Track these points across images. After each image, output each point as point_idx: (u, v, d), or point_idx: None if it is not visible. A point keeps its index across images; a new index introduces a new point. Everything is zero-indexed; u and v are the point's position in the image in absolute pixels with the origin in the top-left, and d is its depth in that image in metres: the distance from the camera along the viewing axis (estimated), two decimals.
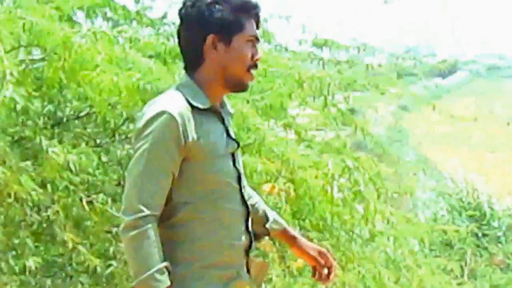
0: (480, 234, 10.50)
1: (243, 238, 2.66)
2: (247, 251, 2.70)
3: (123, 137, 5.21)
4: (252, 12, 2.62)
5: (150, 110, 2.46)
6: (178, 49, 4.29)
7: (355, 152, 5.88)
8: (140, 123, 2.48)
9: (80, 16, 5.61)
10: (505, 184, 21.57)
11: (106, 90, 4.07)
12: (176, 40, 2.98)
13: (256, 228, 2.82)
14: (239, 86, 2.65)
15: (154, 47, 4.84)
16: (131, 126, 4.98)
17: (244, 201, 2.67)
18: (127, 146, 5.17)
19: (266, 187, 4.76)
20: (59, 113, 5.21)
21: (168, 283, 2.35)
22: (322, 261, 2.83)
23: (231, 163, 2.63)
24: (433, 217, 11.70)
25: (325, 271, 2.79)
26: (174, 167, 2.43)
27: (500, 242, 10.67)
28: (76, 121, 5.26)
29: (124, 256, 4.70)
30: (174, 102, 2.45)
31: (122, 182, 5.12)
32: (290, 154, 4.87)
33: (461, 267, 9.87)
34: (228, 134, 2.64)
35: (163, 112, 2.38)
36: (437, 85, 68.88)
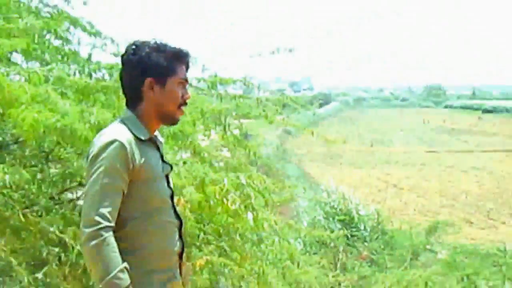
0: (349, 235, 10.69)
1: (178, 244, 2.79)
2: (181, 255, 2.81)
3: (56, 158, 5.12)
4: (183, 59, 2.75)
5: (101, 140, 2.53)
6: (98, 86, 4.40)
7: (249, 169, 5.95)
8: (93, 150, 2.52)
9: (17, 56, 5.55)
10: (369, 194, 22.11)
11: (29, 127, 4.02)
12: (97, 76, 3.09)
13: None
14: (172, 121, 2.79)
15: (78, 84, 4.81)
16: (62, 149, 4.96)
17: (177, 214, 2.81)
18: (58, 166, 5.08)
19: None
20: (1, 138, 5.13)
21: (129, 281, 2.43)
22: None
23: (165, 183, 2.76)
24: (312, 222, 11.85)
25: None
26: (124, 187, 2.51)
27: (365, 241, 10.89)
28: (15, 145, 5.16)
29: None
30: (121, 133, 2.53)
31: (54, 196, 5.11)
32: (194, 172, 4.95)
33: (335, 262, 10.08)
34: (163, 160, 2.77)
35: (114, 141, 2.48)
36: (315, 113, 70.20)
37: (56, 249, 4.80)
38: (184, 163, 5.29)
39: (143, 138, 2.61)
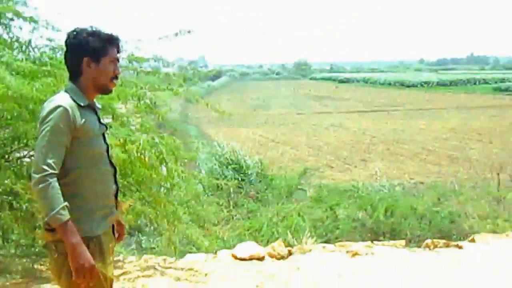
0: (239, 179, 10.74)
1: (113, 187, 2.94)
2: (116, 196, 2.97)
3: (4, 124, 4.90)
4: (114, 42, 2.86)
5: (49, 105, 2.64)
6: (40, 70, 4.35)
7: (159, 131, 5.89)
8: (43, 113, 2.63)
9: None
10: (253, 147, 22.12)
11: None
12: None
13: None
14: (106, 91, 2.91)
15: (24, 68, 4.70)
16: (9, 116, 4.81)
17: (112, 164, 2.94)
18: (7, 130, 4.95)
19: None
20: None
21: (69, 216, 2.53)
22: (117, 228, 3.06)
23: (102, 140, 2.88)
24: (209, 170, 11.81)
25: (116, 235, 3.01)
26: (67, 142, 2.62)
27: (252, 184, 10.94)
28: None
29: None
30: (65, 100, 2.66)
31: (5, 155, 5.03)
32: (117, 134, 4.89)
33: (229, 201, 10.14)
34: (100, 121, 2.88)
35: (59, 106, 2.60)
36: (209, 85, 69.97)
37: (9, 198, 4.80)
38: (110, 126, 5.20)
39: (82, 104, 2.72)
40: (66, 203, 2.55)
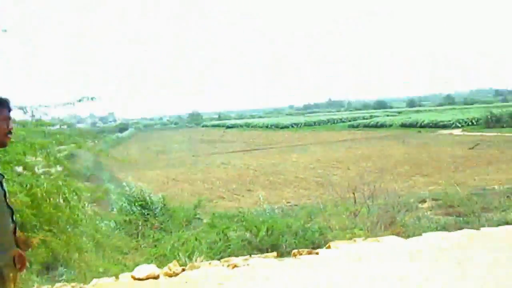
0: (145, 214, 10.58)
1: (11, 226, 2.80)
2: (14, 232, 2.84)
3: None
4: (4, 105, 2.81)
5: None
6: None
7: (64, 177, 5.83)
8: None
9: None
10: (157, 186, 21.73)
11: None
12: None
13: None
14: (2, 145, 2.82)
15: None
16: None
17: (8, 206, 2.82)
18: None
19: None
20: None
21: None
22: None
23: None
24: (120, 208, 11.52)
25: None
26: None
27: (156, 216, 10.74)
28: None
29: None
30: None
31: None
32: (25, 181, 4.86)
33: (137, 232, 9.89)
34: None
35: None
36: (118, 136, 68.21)
37: None
38: (19, 175, 5.10)
39: None
40: None
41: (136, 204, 11.04)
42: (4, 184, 2.87)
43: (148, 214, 10.66)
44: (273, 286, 5.09)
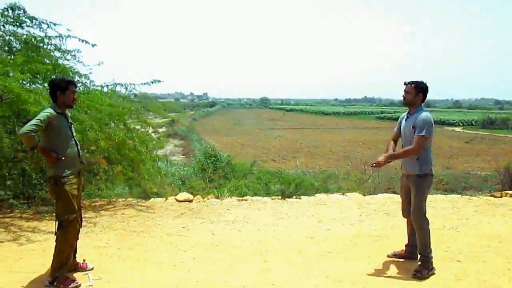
0: (215, 165, 10.61)
1: (78, 153, 3.15)
2: (81, 161, 3.21)
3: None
4: (72, 82, 3.14)
5: (43, 111, 3.01)
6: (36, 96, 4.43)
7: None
8: (40, 113, 2.98)
9: None
10: (229, 147, 21.81)
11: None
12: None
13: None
14: (70, 107, 3.16)
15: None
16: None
17: (75, 142, 3.15)
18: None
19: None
20: None
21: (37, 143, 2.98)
22: None
23: (69, 130, 3.12)
24: (199, 159, 11.42)
25: None
26: (44, 126, 2.93)
27: (223, 168, 10.73)
28: None
29: None
30: (51, 110, 3.02)
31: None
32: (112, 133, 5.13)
33: (207, 177, 9.99)
34: (68, 121, 3.14)
35: (47, 111, 2.99)
36: (208, 111, 69.52)
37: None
38: (106, 124, 5.28)
39: (59, 111, 3.05)
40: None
41: (210, 158, 10.82)
42: (73, 127, 3.19)
43: (217, 166, 10.40)
44: (258, 212, 5.55)
